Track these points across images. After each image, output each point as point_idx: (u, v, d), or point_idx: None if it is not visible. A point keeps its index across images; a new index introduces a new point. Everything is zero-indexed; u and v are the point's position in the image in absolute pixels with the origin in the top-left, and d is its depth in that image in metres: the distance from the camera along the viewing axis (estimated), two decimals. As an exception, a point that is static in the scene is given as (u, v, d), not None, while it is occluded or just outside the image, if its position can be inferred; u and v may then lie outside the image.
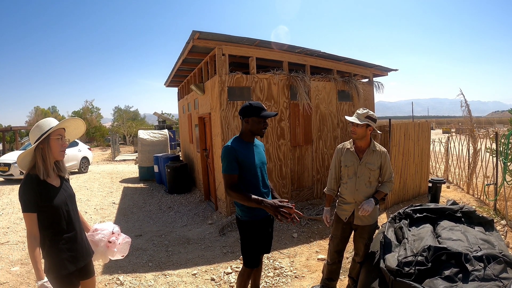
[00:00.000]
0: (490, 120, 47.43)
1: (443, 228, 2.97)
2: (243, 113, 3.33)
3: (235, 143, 3.30)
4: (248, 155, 3.32)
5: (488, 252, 2.43)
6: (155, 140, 14.45)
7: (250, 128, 3.34)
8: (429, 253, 2.43)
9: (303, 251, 5.66)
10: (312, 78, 8.15)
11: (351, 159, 3.79)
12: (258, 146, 3.54)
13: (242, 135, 3.41)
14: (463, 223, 3.10)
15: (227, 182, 3.21)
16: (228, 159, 3.20)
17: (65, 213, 2.56)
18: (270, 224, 3.56)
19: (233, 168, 3.21)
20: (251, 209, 3.31)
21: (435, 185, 4.77)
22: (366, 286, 2.76)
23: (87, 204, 9.58)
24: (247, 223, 3.36)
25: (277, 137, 7.61)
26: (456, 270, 2.30)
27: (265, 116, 3.31)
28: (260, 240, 3.43)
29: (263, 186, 3.42)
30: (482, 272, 2.27)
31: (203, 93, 8.42)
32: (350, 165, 3.79)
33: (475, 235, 2.82)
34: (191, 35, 6.69)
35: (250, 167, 3.30)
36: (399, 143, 7.45)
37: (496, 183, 6.86)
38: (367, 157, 3.73)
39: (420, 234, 2.91)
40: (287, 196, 7.79)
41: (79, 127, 2.84)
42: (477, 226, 3.09)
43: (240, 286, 3.65)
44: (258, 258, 3.55)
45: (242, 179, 3.29)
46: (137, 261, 5.46)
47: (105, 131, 43.91)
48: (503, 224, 6.00)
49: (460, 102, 8.72)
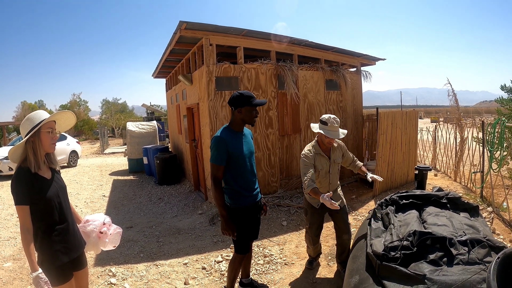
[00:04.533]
0: (478, 110, 47.94)
1: (429, 214, 3.01)
2: (235, 103, 3.35)
3: (225, 134, 3.34)
4: (238, 145, 3.38)
5: (473, 237, 2.47)
6: (143, 132, 14.38)
7: (243, 117, 3.38)
8: (414, 238, 2.47)
9: (293, 238, 5.72)
10: (299, 68, 8.17)
11: (323, 161, 4.06)
12: (247, 135, 3.60)
13: (232, 125, 3.45)
14: (449, 209, 3.14)
15: (213, 172, 3.32)
16: (218, 149, 3.26)
17: (57, 204, 2.58)
18: (258, 210, 3.67)
19: (221, 159, 3.29)
20: (238, 197, 3.43)
21: (421, 172, 4.83)
22: (354, 271, 2.80)
23: (77, 197, 9.54)
24: (237, 210, 3.45)
25: (265, 126, 7.63)
26: (441, 254, 2.34)
27: (257, 104, 3.37)
28: (249, 226, 3.53)
29: (251, 174, 3.53)
30: (467, 256, 2.31)
31: (191, 84, 8.40)
32: (324, 167, 4.07)
33: (460, 220, 2.86)
34: (178, 26, 6.65)
35: (239, 157, 3.38)
36: (387, 131, 7.52)
37: (483, 171, 6.97)
38: (333, 155, 4.11)
39: (406, 220, 2.95)
40: (276, 185, 7.84)
41: (69, 120, 2.84)
42: (462, 212, 3.13)
43: (232, 273, 3.73)
44: (249, 244, 3.65)
45: (231, 168, 3.37)
46: (128, 252, 5.48)
47: (94, 124, 43.57)
48: (489, 211, 6.11)
49: (447, 91, 8.81)
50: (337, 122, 3.92)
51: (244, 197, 3.47)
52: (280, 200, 7.49)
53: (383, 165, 7.55)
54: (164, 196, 9.39)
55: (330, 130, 3.90)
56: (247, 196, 3.49)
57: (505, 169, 8.40)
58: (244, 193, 3.47)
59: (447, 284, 2.02)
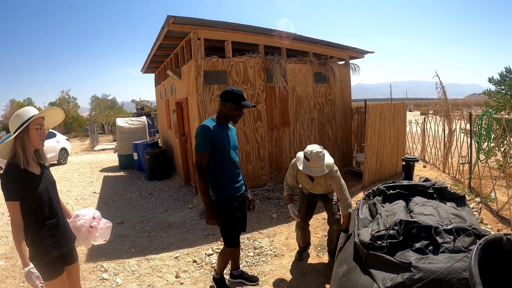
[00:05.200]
0: (468, 103, 48.30)
1: (416, 203, 3.06)
2: (223, 97, 3.41)
3: (211, 124, 3.39)
4: (223, 137, 3.43)
5: (458, 226, 2.52)
6: (133, 128, 14.31)
7: (226, 112, 3.44)
8: (400, 227, 2.51)
9: (282, 230, 5.77)
10: (288, 61, 8.18)
11: (305, 180, 4.09)
12: (232, 129, 3.67)
13: (218, 117, 3.50)
14: (435, 199, 3.19)
15: (197, 160, 3.37)
16: (203, 138, 3.31)
17: (47, 200, 2.59)
18: (243, 202, 3.73)
19: (206, 148, 3.33)
20: (223, 189, 3.48)
21: (408, 163, 4.91)
22: (342, 261, 2.85)
23: (68, 195, 9.49)
24: (222, 203, 3.50)
25: (254, 119, 7.65)
26: (426, 242, 2.38)
27: (243, 105, 3.42)
28: (236, 218, 3.58)
29: (235, 167, 3.59)
30: (452, 244, 2.35)
31: (179, 78, 8.38)
32: (304, 184, 4.17)
33: (446, 210, 2.91)
34: (166, 20, 6.62)
35: (224, 148, 3.42)
36: (375, 123, 7.57)
37: (470, 162, 7.06)
38: (318, 179, 3.99)
39: (393, 210, 3.00)
40: (265, 178, 7.87)
41: (58, 116, 2.85)
42: (449, 202, 3.18)
43: (221, 265, 3.80)
44: (238, 237, 3.68)
45: (216, 159, 3.41)
46: (120, 247, 5.49)
47: (83, 121, 43.18)
48: (477, 201, 6.20)
49: (435, 84, 8.90)
50: (320, 157, 3.64)
51: (229, 188, 3.51)
52: (270, 193, 7.53)
53: (372, 156, 7.61)
54: (154, 191, 9.38)
55: (312, 167, 3.68)
56: (232, 188, 3.54)
57: (493, 160, 8.52)
58: (229, 184, 3.51)
59: (432, 271, 2.06)
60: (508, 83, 8.08)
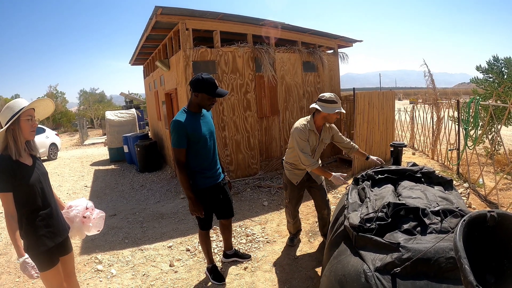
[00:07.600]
0: (457, 91, 48.71)
1: (404, 187, 3.11)
2: (194, 86, 3.36)
3: (183, 117, 3.38)
4: (196, 127, 3.43)
5: (445, 207, 2.57)
6: (123, 120, 14.24)
7: (199, 102, 3.42)
8: (388, 209, 2.56)
9: (274, 218, 5.84)
10: (276, 50, 8.20)
11: (313, 138, 4.08)
12: (206, 115, 3.64)
13: (190, 107, 3.49)
14: (423, 183, 3.25)
15: (176, 156, 3.43)
16: (178, 133, 3.33)
17: (40, 190, 2.61)
18: (221, 191, 3.78)
19: (182, 143, 3.37)
20: (197, 179, 3.56)
21: (396, 149, 4.95)
22: (333, 244, 2.89)
23: (59, 189, 9.44)
24: (196, 192, 3.56)
25: (243, 109, 7.69)
26: (414, 224, 2.43)
27: (216, 94, 3.40)
28: (207, 206, 3.67)
29: (212, 154, 3.64)
30: (439, 225, 2.40)
31: (168, 69, 8.37)
32: (312, 144, 4.09)
33: (434, 193, 2.97)
34: (154, 11, 6.60)
35: (200, 139, 3.44)
36: (364, 111, 7.64)
37: (458, 148, 7.17)
38: (323, 134, 4.13)
39: (381, 194, 3.05)
40: (256, 167, 7.93)
41: (48, 107, 2.86)
42: (436, 185, 3.24)
43: (204, 247, 3.99)
44: (210, 222, 3.83)
45: (194, 151, 3.46)
46: (113, 239, 5.51)
47: (72, 116, 42.73)
48: (465, 186, 6.30)
49: (423, 72, 8.98)
50: (336, 96, 3.94)
51: (205, 178, 3.58)
52: (260, 181, 7.58)
53: (361, 144, 7.67)
54: (146, 183, 9.38)
55: (335, 106, 3.88)
56: (208, 177, 3.61)
57: (482, 147, 8.65)
58: (206, 174, 3.58)
59: (420, 251, 2.12)
60: (495, 71, 8.17)
